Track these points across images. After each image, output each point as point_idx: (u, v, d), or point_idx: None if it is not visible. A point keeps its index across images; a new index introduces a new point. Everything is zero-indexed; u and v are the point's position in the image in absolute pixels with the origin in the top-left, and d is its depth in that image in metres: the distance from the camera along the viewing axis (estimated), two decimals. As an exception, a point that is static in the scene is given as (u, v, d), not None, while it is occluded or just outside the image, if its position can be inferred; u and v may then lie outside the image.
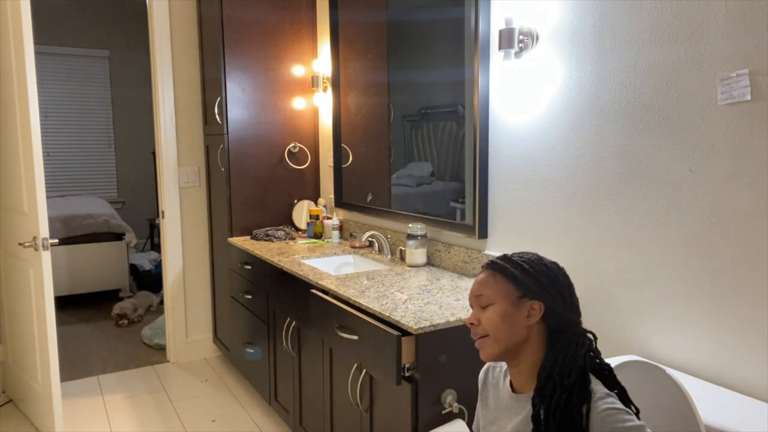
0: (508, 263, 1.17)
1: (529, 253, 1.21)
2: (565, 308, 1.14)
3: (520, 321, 1.14)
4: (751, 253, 1.40)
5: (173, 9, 3.54)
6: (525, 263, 1.16)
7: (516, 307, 1.14)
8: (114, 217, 5.11)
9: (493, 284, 1.17)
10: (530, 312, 1.13)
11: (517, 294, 1.14)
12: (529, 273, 1.14)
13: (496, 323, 1.14)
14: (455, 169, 2.37)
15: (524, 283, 1.14)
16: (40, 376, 2.74)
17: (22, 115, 2.58)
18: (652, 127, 1.60)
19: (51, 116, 6.39)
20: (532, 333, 1.14)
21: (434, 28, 2.44)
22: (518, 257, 1.18)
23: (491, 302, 1.16)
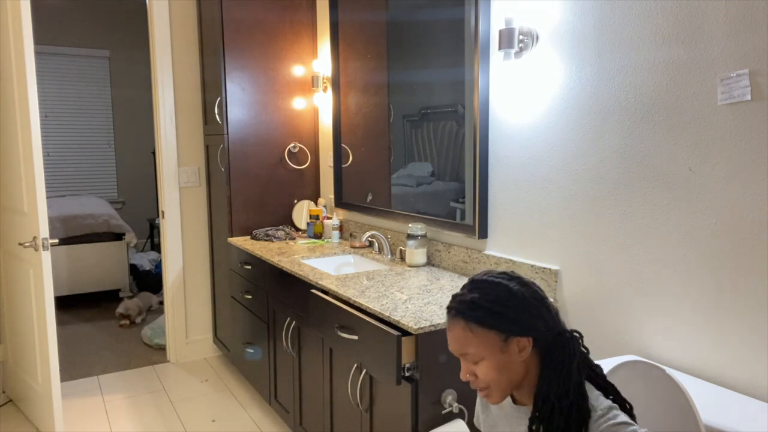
0: (477, 310, 1.07)
1: (489, 281, 1.10)
2: (549, 327, 1.08)
3: (515, 361, 1.08)
4: (751, 253, 1.40)
5: (173, 9, 3.54)
6: (494, 303, 1.06)
7: (506, 351, 1.07)
8: (114, 217, 5.11)
9: (473, 339, 1.07)
10: (521, 347, 1.07)
11: (501, 338, 1.06)
12: (503, 314, 1.06)
13: (494, 376, 1.08)
14: (455, 169, 2.37)
15: (504, 326, 1.06)
16: (40, 376, 2.74)
17: (22, 115, 2.58)
18: (652, 127, 1.60)
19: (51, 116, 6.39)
20: (530, 363, 1.10)
21: (434, 28, 2.44)
22: (483, 295, 1.08)
23: (481, 358, 1.08)
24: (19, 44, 2.51)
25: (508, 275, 1.11)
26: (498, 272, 1.12)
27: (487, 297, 1.07)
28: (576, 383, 1.04)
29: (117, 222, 5.07)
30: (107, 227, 5.00)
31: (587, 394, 1.05)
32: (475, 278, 1.12)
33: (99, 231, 4.96)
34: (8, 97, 2.74)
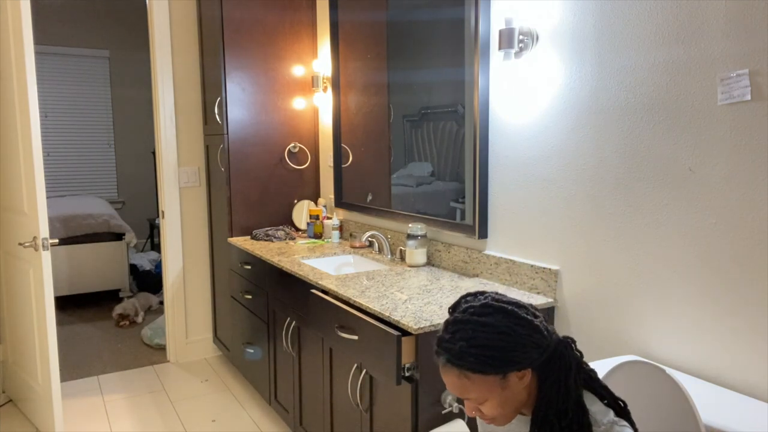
0: (468, 358, 1.02)
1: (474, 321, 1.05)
2: (543, 350, 1.05)
3: (518, 390, 1.06)
4: (751, 252, 1.40)
5: (173, 9, 3.54)
6: (484, 348, 1.02)
7: (506, 387, 1.05)
8: (114, 217, 5.11)
9: (472, 385, 1.05)
10: (520, 377, 1.05)
11: (500, 376, 1.03)
12: (496, 358, 1.02)
13: (500, 410, 1.07)
14: (455, 169, 2.37)
15: (500, 369, 1.03)
16: (40, 376, 2.74)
17: (22, 115, 2.58)
18: (652, 127, 1.60)
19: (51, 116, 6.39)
20: (531, 384, 1.08)
21: (434, 28, 2.44)
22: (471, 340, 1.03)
23: (485, 399, 1.06)
24: (18, 44, 2.51)
25: (492, 307, 1.06)
26: (480, 304, 1.07)
27: (475, 342, 1.02)
28: (575, 399, 1.03)
29: (117, 222, 5.07)
30: (107, 227, 5.00)
31: (587, 409, 1.03)
32: (457, 318, 1.07)
33: (99, 231, 4.96)
34: (8, 97, 2.74)
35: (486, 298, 1.09)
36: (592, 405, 1.06)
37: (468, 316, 1.06)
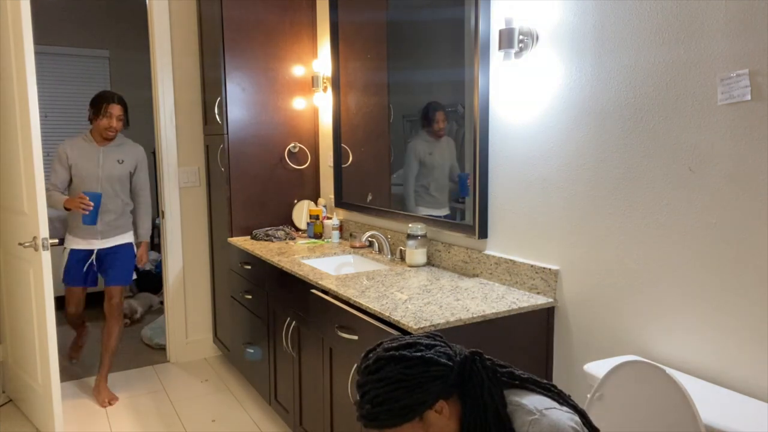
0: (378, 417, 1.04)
1: (370, 380, 1.07)
2: (447, 379, 1.05)
3: (444, 423, 1.06)
4: (751, 252, 1.40)
5: (173, 9, 3.54)
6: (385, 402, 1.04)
7: (429, 425, 1.06)
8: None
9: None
10: (438, 411, 1.06)
11: (416, 419, 1.05)
12: (399, 407, 1.03)
13: None
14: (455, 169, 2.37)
15: (410, 415, 1.04)
16: (40, 375, 2.74)
17: (22, 115, 2.58)
18: (652, 127, 1.60)
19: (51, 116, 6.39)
20: (456, 410, 1.08)
21: (434, 28, 2.44)
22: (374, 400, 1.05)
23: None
24: (19, 44, 2.51)
25: (383, 359, 1.07)
26: (373, 360, 1.09)
27: (378, 401, 1.04)
28: (493, 411, 1.03)
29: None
30: (107, 227, 4.99)
31: (510, 417, 1.02)
32: (359, 381, 1.10)
33: (99, 231, 4.95)
34: (8, 97, 2.74)
35: (377, 352, 1.10)
36: (523, 398, 1.05)
37: (365, 377, 1.08)
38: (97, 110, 3.09)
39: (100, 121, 3.08)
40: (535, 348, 1.93)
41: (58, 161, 3.12)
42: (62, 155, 3.12)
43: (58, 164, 3.12)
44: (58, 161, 3.12)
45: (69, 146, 3.12)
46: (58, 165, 3.12)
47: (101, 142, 3.15)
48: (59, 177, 3.12)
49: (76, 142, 3.15)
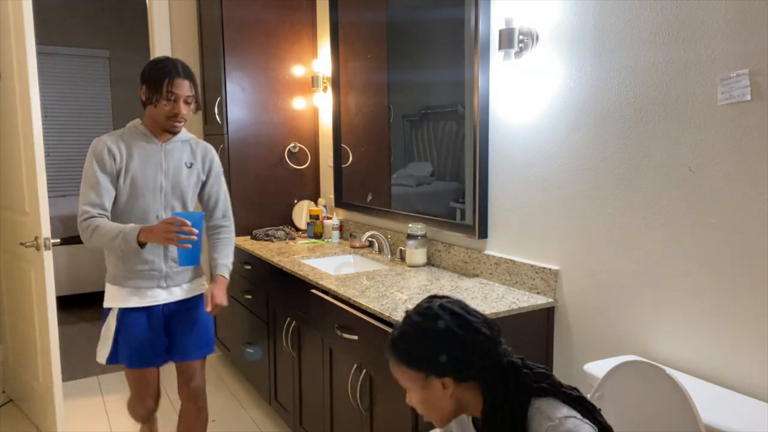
0: (398, 348, 1.10)
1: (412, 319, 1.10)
2: (472, 365, 1.06)
3: (440, 397, 1.08)
4: (751, 253, 1.40)
5: (173, 9, 3.54)
6: (409, 343, 1.08)
7: (428, 388, 1.08)
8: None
9: (399, 371, 1.11)
10: (445, 386, 1.07)
11: (421, 376, 1.08)
12: (414, 355, 1.08)
13: (423, 409, 1.12)
14: (455, 169, 2.37)
15: (419, 366, 1.07)
16: (41, 375, 2.74)
17: (24, 115, 2.58)
18: (652, 127, 1.60)
19: (51, 116, 6.39)
20: (460, 395, 1.09)
21: (434, 28, 2.44)
22: (402, 333, 1.10)
23: (408, 389, 1.12)
24: (20, 44, 2.51)
25: (431, 309, 1.09)
26: (425, 306, 1.11)
27: (407, 337, 1.09)
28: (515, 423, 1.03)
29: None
30: (107, 227, 5.00)
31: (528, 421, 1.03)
32: (409, 312, 1.13)
33: (99, 231, 4.95)
34: (10, 96, 2.74)
35: (435, 302, 1.11)
36: (548, 406, 1.05)
37: (411, 312, 1.13)
38: (154, 89, 1.96)
39: (162, 106, 1.96)
40: (535, 348, 1.93)
41: (99, 168, 1.95)
42: (105, 158, 1.96)
43: (99, 173, 1.95)
44: (98, 168, 1.95)
45: (114, 143, 1.99)
46: (99, 174, 1.95)
47: (162, 137, 2.06)
48: (104, 192, 1.95)
49: (125, 137, 2.03)
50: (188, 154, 2.13)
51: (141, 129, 2.04)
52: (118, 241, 1.88)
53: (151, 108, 1.98)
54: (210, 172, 2.19)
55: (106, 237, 1.89)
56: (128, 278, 2.03)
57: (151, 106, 1.98)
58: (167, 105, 1.95)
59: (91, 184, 1.94)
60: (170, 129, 2.02)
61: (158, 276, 2.06)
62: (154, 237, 1.86)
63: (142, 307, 2.05)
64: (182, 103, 1.97)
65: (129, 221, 1.99)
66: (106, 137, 2.00)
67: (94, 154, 1.96)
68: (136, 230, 1.88)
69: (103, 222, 1.92)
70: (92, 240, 1.91)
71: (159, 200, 2.04)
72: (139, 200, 2.01)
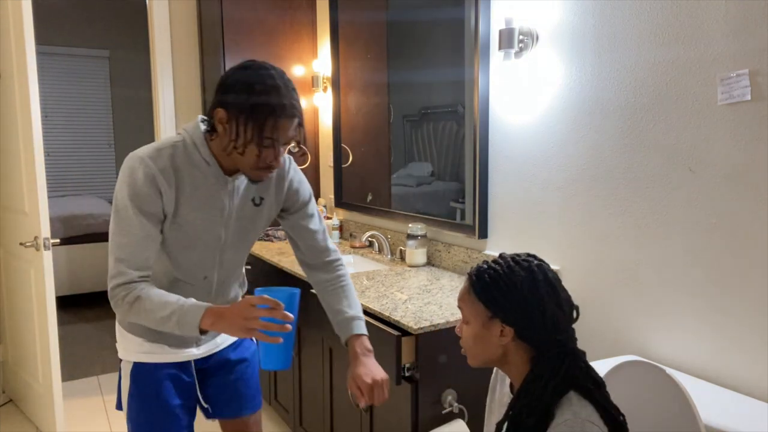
0: (480, 280, 1.12)
1: (507, 262, 1.13)
2: (537, 330, 1.08)
3: (493, 341, 1.11)
4: (751, 253, 1.40)
5: (173, 9, 3.54)
6: (494, 282, 1.10)
7: (487, 328, 1.11)
8: (114, 217, 5.10)
9: (468, 300, 1.14)
10: (502, 333, 1.10)
11: (488, 314, 1.11)
12: (493, 295, 1.10)
13: (470, 343, 1.14)
14: (455, 169, 2.37)
15: (492, 305, 1.10)
16: (41, 375, 2.74)
17: (24, 115, 2.58)
18: (652, 127, 1.60)
19: (51, 116, 6.39)
20: (510, 350, 1.11)
21: (434, 28, 2.44)
22: (492, 271, 1.12)
23: (467, 320, 1.14)
24: (20, 44, 2.51)
25: (530, 266, 1.12)
26: (526, 258, 1.14)
27: (493, 273, 1.11)
28: (546, 404, 1.04)
29: (117, 222, 5.07)
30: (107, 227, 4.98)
31: (555, 414, 1.04)
32: (505, 254, 1.16)
33: (99, 231, 4.96)
34: (10, 96, 2.74)
35: (534, 261, 1.14)
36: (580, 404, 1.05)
37: (509, 257, 1.15)
38: (247, 128, 1.26)
39: (251, 152, 1.29)
40: (535, 348, 1.93)
41: (139, 206, 1.30)
42: (148, 192, 1.30)
43: (139, 215, 1.30)
44: (137, 207, 1.30)
45: (162, 171, 1.31)
46: (140, 216, 1.30)
47: (230, 168, 1.39)
48: (146, 244, 1.32)
49: (177, 160, 1.34)
50: (257, 185, 1.45)
51: (203, 153, 1.34)
52: (170, 325, 1.27)
53: (240, 146, 1.27)
54: (293, 196, 1.53)
55: (152, 315, 1.28)
56: (150, 332, 1.47)
57: (238, 143, 1.27)
58: (261, 152, 1.28)
59: (127, 230, 1.30)
60: (255, 179, 1.37)
61: (190, 339, 1.52)
62: (225, 325, 1.24)
63: (171, 363, 1.52)
64: (280, 149, 1.31)
65: (160, 281, 1.41)
66: (150, 157, 1.30)
67: (132, 185, 1.29)
68: (198, 312, 1.26)
69: (149, 292, 1.30)
70: (130, 315, 1.31)
71: (211, 257, 1.44)
72: (183, 256, 1.41)
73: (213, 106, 1.30)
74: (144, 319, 1.30)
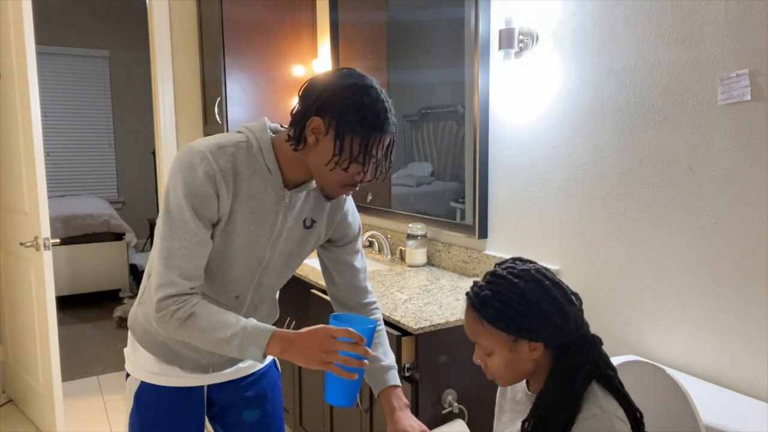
0: (488, 308, 1.06)
1: (508, 279, 1.07)
2: (563, 335, 1.07)
3: (524, 359, 1.08)
4: (751, 253, 1.40)
5: (173, 9, 3.54)
6: (505, 305, 1.05)
7: (515, 351, 1.07)
8: (114, 217, 5.11)
9: (483, 332, 1.08)
10: (531, 348, 1.07)
11: (511, 338, 1.06)
12: (512, 319, 1.05)
13: (502, 371, 1.10)
14: (455, 169, 2.37)
15: (513, 331, 1.05)
16: (41, 375, 2.74)
17: (24, 114, 2.58)
18: (652, 127, 1.60)
19: (51, 116, 6.39)
20: (541, 360, 1.10)
21: (434, 28, 2.44)
22: (497, 295, 1.06)
23: (491, 351, 1.09)
24: (20, 44, 2.51)
25: (531, 275, 1.08)
26: (522, 269, 1.09)
27: (499, 297, 1.06)
28: (575, 396, 1.04)
29: (117, 222, 5.07)
30: (107, 227, 5.01)
31: (581, 407, 1.04)
32: (497, 271, 1.11)
33: (99, 231, 4.96)
34: (10, 96, 2.74)
35: (530, 266, 1.11)
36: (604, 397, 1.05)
37: (505, 273, 1.09)
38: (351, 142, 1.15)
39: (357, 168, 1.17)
40: (535, 348, 1.93)
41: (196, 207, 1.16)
42: (208, 192, 1.16)
43: (195, 218, 1.16)
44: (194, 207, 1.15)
45: (223, 171, 1.18)
46: (196, 219, 1.16)
47: (292, 177, 1.25)
48: (202, 250, 1.18)
49: (239, 160, 1.21)
50: (311, 205, 1.31)
51: (268, 160, 1.22)
52: (229, 348, 1.14)
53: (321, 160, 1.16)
54: (345, 229, 1.39)
55: (208, 336, 1.14)
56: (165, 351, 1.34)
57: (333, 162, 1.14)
58: (353, 168, 1.16)
59: (181, 234, 1.15)
60: (333, 195, 1.25)
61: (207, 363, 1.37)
62: (297, 354, 1.12)
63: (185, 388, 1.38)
64: (372, 168, 1.19)
65: None
66: (212, 153, 1.17)
67: (190, 183, 1.14)
68: (264, 336, 1.13)
69: (204, 309, 1.16)
70: (179, 333, 1.16)
71: (250, 277, 1.30)
72: (220, 271, 1.26)
73: (305, 114, 1.15)
74: (197, 339, 1.15)
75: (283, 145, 1.21)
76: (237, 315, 1.18)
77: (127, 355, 1.41)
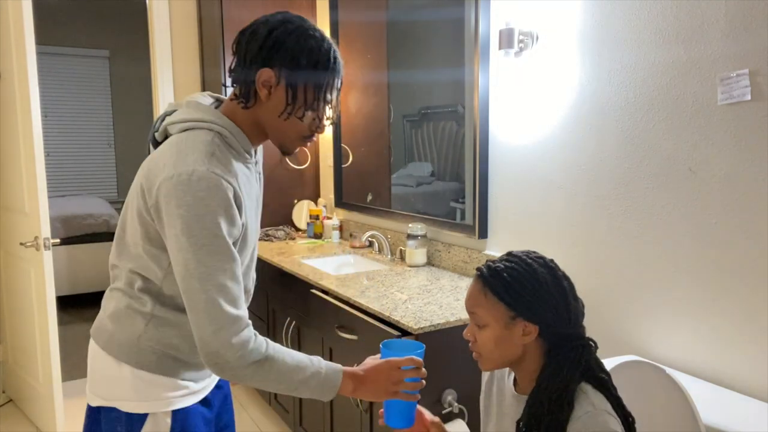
0: (497, 279, 1.08)
1: (523, 259, 1.11)
2: (561, 325, 1.08)
3: (515, 341, 1.09)
4: (751, 252, 1.40)
5: (173, 9, 3.54)
6: (515, 279, 1.07)
7: (509, 329, 1.08)
8: (114, 217, 5.11)
9: (485, 303, 1.09)
10: (525, 331, 1.08)
11: (509, 314, 1.07)
12: (519, 294, 1.06)
13: (490, 347, 1.10)
14: (455, 169, 2.37)
15: (515, 305, 1.07)
16: (42, 375, 2.74)
17: (24, 115, 2.58)
18: (653, 127, 1.60)
19: (51, 116, 6.39)
20: (530, 348, 1.10)
21: (434, 28, 2.44)
22: (509, 269, 1.09)
23: (485, 323, 1.09)
24: (20, 44, 2.51)
25: (545, 262, 1.12)
26: (537, 255, 1.14)
27: (511, 272, 1.09)
28: (569, 395, 1.04)
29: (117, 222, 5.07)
30: (107, 227, 5.01)
31: (575, 406, 1.04)
32: (514, 252, 1.15)
33: (99, 231, 4.96)
34: (10, 96, 2.74)
35: (545, 257, 1.14)
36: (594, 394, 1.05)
37: (523, 254, 1.13)
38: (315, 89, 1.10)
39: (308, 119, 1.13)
40: (535, 348, 1.93)
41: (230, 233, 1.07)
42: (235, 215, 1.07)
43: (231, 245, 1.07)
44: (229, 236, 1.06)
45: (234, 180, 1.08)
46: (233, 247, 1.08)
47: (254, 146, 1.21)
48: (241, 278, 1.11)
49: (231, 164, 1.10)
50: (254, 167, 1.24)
51: (242, 141, 1.14)
52: (304, 389, 1.10)
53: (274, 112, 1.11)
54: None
55: (286, 378, 1.09)
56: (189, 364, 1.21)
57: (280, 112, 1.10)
58: (320, 116, 1.14)
59: (229, 266, 1.06)
60: (291, 150, 1.20)
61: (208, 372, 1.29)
62: (368, 390, 1.13)
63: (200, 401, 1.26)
64: (327, 114, 1.16)
65: None
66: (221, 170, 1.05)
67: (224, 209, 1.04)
68: (337, 377, 1.12)
69: (276, 349, 1.12)
70: (253, 379, 1.07)
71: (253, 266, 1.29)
72: (248, 277, 1.27)
73: (251, 66, 1.07)
74: (271, 383, 1.07)
75: (236, 111, 1.13)
76: (300, 353, 1.13)
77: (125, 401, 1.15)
